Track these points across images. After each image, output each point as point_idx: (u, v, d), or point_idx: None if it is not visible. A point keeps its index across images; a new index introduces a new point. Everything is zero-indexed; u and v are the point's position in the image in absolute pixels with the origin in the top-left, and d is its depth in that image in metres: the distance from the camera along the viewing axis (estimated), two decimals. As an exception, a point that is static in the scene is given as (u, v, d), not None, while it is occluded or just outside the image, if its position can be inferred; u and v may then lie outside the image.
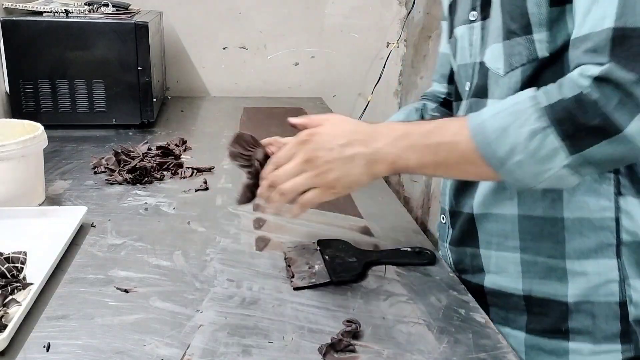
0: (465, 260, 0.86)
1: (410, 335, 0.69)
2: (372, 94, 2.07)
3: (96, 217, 0.97)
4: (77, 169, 1.20)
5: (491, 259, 0.81)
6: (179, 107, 1.80)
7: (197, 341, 0.66)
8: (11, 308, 0.67)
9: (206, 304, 0.73)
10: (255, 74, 2.03)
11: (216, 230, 0.95)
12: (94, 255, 0.85)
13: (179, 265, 0.83)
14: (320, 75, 2.08)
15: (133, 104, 1.49)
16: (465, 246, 0.85)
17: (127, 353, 0.63)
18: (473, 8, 0.81)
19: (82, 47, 1.43)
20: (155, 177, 1.16)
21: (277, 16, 1.98)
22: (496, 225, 0.80)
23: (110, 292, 0.75)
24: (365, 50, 2.07)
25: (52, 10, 1.49)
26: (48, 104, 1.45)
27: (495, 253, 0.81)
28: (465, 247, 0.85)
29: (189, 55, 1.98)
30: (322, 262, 0.84)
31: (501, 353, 0.66)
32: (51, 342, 0.64)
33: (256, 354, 0.64)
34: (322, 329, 0.69)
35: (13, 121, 1.07)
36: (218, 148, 1.39)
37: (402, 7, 2.04)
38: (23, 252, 0.76)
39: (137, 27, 1.44)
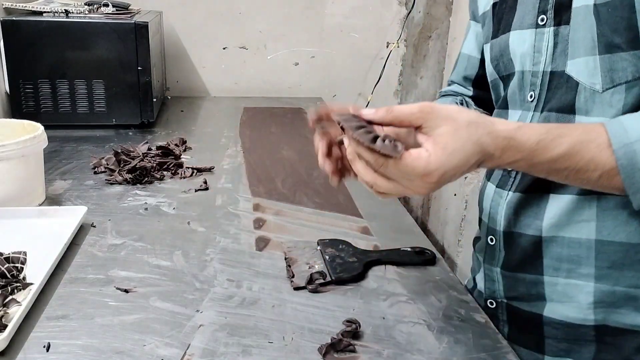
0: (520, 287, 0.78)
1: (410, 335, 0.69)
2: (372, 94, 2.07)
3: (96, 217, 0.97)
4: (77, 169, 1.20)
5: (557, 286, 0.74)
6: (179, 107, 1.80)
7: (197, 341, 0.66)
8: (11, 308, 0.67)
9: (206, 304, 0.73)
10: (255, 74, 2.03)
11: (216, 230, 0.95)
12: (94, 255, 0.85)
13: (179, 265, 0.83)
14: (320, 75, 2.08)
15: (133, 104, 1.49)
16: (525, 272, 0.77)
17: (127, 353, 0.63)
18: (542, 11, 0.73)
19: (82, 47, 1.43)
20: (155, 177, 1.16)
21: (277, 16, 1.98)
22: (568, 251, 0.72)
23: (110, 292, 0.75)
24: (365, 50, 2.07)
25: (52, 10, 1.49)
26: (48, 104, 1.45)
27: (563, 281, 0.73)
28: (525, 274, 0.77)
29: (189, 55, 1.98)
30: (322, 262, 0.84)
31: (501, 353, 0.67)
32: (51, 342, 0.64)
33: (256, 354, 0.64)
34: (322, 329, 0.69)
35: (13, 121, 1.07)
36: (218, 148, 1.39)
37: (402, 7, 2.04)
38: (23, 252, 0.76)
39: (137, 27, 1.44)
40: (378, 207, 1.08)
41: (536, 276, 0.76)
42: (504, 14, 0.80)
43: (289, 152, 1.38)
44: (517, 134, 0.58)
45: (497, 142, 0.57)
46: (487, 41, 0.84)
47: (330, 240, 0.90)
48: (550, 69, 0.72)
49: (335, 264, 0.83)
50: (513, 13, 0.78)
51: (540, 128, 0.60)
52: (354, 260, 0.84)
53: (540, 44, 0.74)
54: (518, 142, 0.58)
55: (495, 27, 0.82)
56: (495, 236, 0.81)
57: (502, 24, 0.80)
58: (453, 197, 1.94)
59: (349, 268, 0.82)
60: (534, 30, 0.74)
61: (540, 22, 0.74)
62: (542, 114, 0.74)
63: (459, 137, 0.55)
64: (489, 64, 0.84)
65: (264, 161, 1.31)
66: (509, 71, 0.79)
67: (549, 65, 0.73)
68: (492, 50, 0.82)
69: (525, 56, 0.76)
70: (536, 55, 0.74)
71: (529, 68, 0.75)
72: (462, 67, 0.96)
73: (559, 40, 0.71)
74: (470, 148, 0.56)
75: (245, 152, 1.37)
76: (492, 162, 0.58)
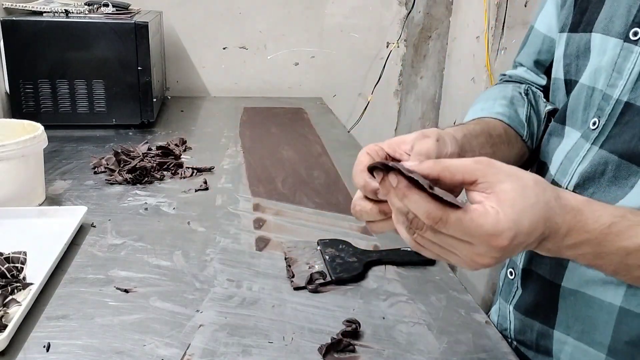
0: (529, 334, 0.71)
1: (410, 335, 0.69)
2: (372, 94, 2.07)
3: (96, 217, 0.97)
4: (77, 169, 1.20)
5: (565, 346, 0.66)
6: (179, 107, 1.80)
7: (197, 341, 0.66)
8: (11, 308, 0.67)
9: (206, 304, 0.73)
10: (255, 74, 2.03)
11: (216, 230, 0.95)
12: (94, 255, 0.85)
13: (179, 265, 0.83)
14: (320, 75, 2.08)
15: (133, 104, 1.49)
16: (536, 319, 0.69)
17: (127, 353, 0.63)
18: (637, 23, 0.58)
19: (82, 47, 1.43)
20: (155, 177, 1.16)
21: (277, 16, 1.98)
22: (586, 310, 0.63)
23: (110, 292, 0.75)
24: (365, 50, 2.07)
25: (52, 10, 1.49)
26: (48, 104, 1.45)
27: (573, 342, 0.65)
28: (535, 321, 0.69)
29: (189, 55, 1.98)
30: (322, 262, 0.84)
31: (501, 353, 0.66)
32: (51, 342, 0.64)
33: (256, 354, 0.64)
34: (322, 329, 0.69)
35: (13, 121, 1.07)
36: (218, 148, 1.39)
37: (402, 7, 2.04)
38: (23, 252, 0.76)
39: (137, 27, 1.44)
40: (378, 207, 1.08)
41: (547, 328, 0.68)
42: (590, 3, 0.65)
43: (289, 152, 1.38)
44: (587, 208, 0.47)
45: (565, 212, 0.46)
46: (564, 30, 0.69)
47: (330, 240, 0.90)
48: (627, 99, 0.59)
49: (335, 264, 0.83)
50: (600, 7, 0.64)
51: (615, 210, 0.48)
52: (354, 260, 0.84)
53: (624, 64, 0.59)
54: (586, 218, 0.47)
55: (577, 17, 0.67)
56: (515, 270, 0.72)
57: (586, 17, 0.65)
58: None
59: (349, 268, 0.82)
60: (620, 42, 0.60)
61: (632, 36, 0.59)
62: (601, 150, 0.61)
63: (527, 196, 0.44)
64: (559, 60, 0.69)
65: (264, 161, 1.31)
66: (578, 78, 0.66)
67: (626, 94, 0.59)
68: (568, 45, 0.68)
69: (601, 71, 0.62)
70: (615, 76, 0.60)
71: (602, 87, 0.62)
72: (535, 49, 0.78)
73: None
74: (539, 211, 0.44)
75: (245, 152, 1.37)
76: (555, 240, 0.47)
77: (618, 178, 0.60)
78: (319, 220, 1.00)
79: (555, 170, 0.68)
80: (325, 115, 1.82)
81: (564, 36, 0.68)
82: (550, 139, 0.72)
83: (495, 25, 1.69)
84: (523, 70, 0.81)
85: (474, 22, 1.81)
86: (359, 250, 0.87)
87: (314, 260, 0.85)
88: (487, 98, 0.76)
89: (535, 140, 0.76)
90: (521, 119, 0.73)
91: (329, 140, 1.49)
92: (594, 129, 0.62)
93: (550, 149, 0.71)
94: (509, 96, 0.75)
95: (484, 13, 1.70)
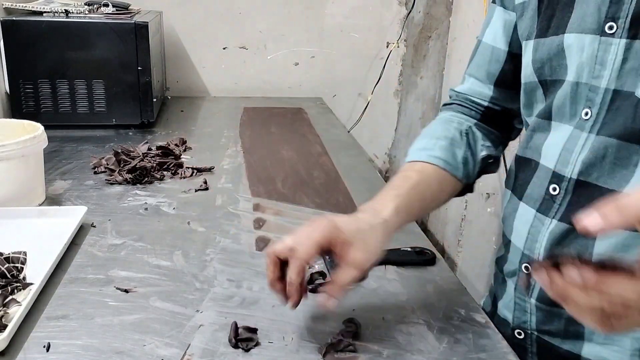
0: (556, 322, 0.71)
1: (410, 335, 0.69)
2: (372, 94, 2.07)
3: (96, 217, 0.97)
4: (77, 169, 1.20)
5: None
6: (179, 107, 1.80)
7: (197, 341, 0.66)
8: (11, 308, 0.67)
9: (206, 304, 0.73)
10: (255, 74, 2.03)
11: (216, 230, 0.95)
12: (94, 255, 0.85)
13: (179, 265, 0.83)
14: (320, 75, 2.08)
15: (133, 104, 1.49)
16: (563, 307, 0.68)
17: (127, 353, 0.63)
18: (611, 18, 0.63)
19: (82, 47, 1.43)
20: (155, 177, 1.16)
21: (277, 16, 1.98)
22: None
23: (110, 292, 0.75)
24: (365, 50, 2.07)
25: (52, 10, 1.49)
26: (48, 104, 1.45)
27: None
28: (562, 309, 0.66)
29: (189, 55, 1.98)
30: (322, 262, 0.84)
31: (501, 353, 0.67)
32: (51, 342, 0.64)
33: (256, 354, 0.64)
34: (322, 329, 0.69)
35: (13, 121, 1.07)
36: (218, 148, 1.39)
37: (402, 7, 2.04)
38: (23, 252, 0.76)
39: (137, 27, 1.44)
40: (378, 207, 1.08)
41: None
42: (555, 10, 0.70)
43: (289, 152, 1.38)
44: None
45: None
46: (530, 38, 0.73)
47: (330, 240, 0.90)
48: (614, 87, 0.63)
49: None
50: (569, 11, 0.68)
51: None
52: (354, 260, 0.84)
53: (605, 56, 0.64)
54: None
55: (543, 23, 0.72)
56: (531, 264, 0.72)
57: (554, 22, 0.70)
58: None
59: (349, 268, 0.82)
60: (597, 38, 0.64)
61: (607, 30, 0.63)
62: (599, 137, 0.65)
63: None
64: (528, 65, 0.73)
65: (264, 161, 1.31)
66: (556, 77, 0.70)
67: (612, 82, 0.63)
68: (536, 50, 0.72)
69: (583, 66, 0.66)
70: (597, 68, 0.64)
71: (586, 80, 0.66)
72: (485, 60, 0.84)
73: (630, 56, 0.62)
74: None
75: (245, 152, 1.37)
76: None
77: (620, 159, 0.63)
78: (319, 220, 1.00)
79: (555, 163, 0.70)
80: (325, 115, 1.82)
81: (531, 43, 0.73)
82: (533, 136, 0.74)
83: (495, 25, 1.69)
84: (472, 82, 0.87)
85: (474, 22, 1.81)
86: (359, 250, 0.87)
87: (314, 260, 0.85)
88: (431, 136, 0.83)
89: (470, 178, 0.82)
90: (457, 162, 0.80)
91: (329, 140, 1.49)
92: (587, 119, 0.66)
93: (535, 145, 0.74)
94: (449, 136, 0.82)
95: (484, 13, 1.70)
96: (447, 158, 0.79)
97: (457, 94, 0.89)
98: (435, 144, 0.81)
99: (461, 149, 0.81)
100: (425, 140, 0.83)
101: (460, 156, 0.80)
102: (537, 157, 0.73)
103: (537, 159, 0.73)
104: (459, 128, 0.83)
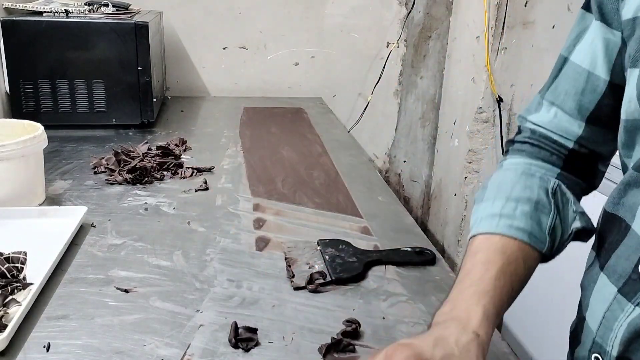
0: None
1: (410, 335, 0.69)
2: (372, 94, 2.07)
3: (96, 217, 0.97)
4: (77, 169, 1.20)
5: None
6: (179, 107, 1.80)
7: (197, 341, 0.66)
8: (11, 308, 0.67)
9: (206, 304, 0.73)
10: (255, 74, 2.03)
11: (216, 230, 0.95)
12: (94, 255, 0.85)
13: (179, 265, 0.83)
14: (320, 75, 2.08)
15: (133, 104, 1.49)
16: None
17: (127, 353, 0.63)
18: None
19: (82, 47, 1.43)
20: (155, 177, 1.16)
21: (277, 16, 1.98)
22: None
23: (110, 292, 0.75)
24: (365, 50, 2.07)
25: (52, 10, 1.49)
26: (48, 104, 1.45)
27: None
28: None
29: (189, 55, 1.98)
30: (322, 262, 0.84)
31: (501, 353, 0.67)
32: (51, 342, 0.64)
33: (256, 354, 0.64)
34: (322, 329, 0.69)
35: (13, 121, 1.07)
36: (218, 148, 1.39)
37: (402, 7, 2.04)
38: (23, 252, 0.76)
39: (137, 27, 1.44)
40: (378, 207, 1.08)
41: None
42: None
43: (289, 152, 1.38)
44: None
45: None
46: (636, 65, 0.57)
47: (330, 240, 0.90)
48: None
49: (335, 264, 0.83)
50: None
51: None
52: (354, 260, 0.84)
53: None
54: None
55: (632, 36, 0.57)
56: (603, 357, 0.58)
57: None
58: (453, 197, 1.94)
59: (349, 268, 0.82)
60: None
61: None
62: None
63: None
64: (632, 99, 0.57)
65: (264, 161, 1.31)
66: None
67: None
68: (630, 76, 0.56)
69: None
70: None
71: None
72: (576, 88, 0.65)
73: None
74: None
75: (245, 152, 1.37)
76: None
77: None
78: (319, 220, 1.00)
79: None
80: (325, 115, 1.82)
81: (636, 71, 0.57)
82: (628, 191, 0.59)
83: (495, 25, 1.69)
84: (552, 115, 0.68)
85: (474, 22, 1.81)
86: (359, 250, 0.87)
87: (314, 260, 0.85)
88: (509, 197, 0.65)
89: (553, 250, 0.65)
90: (544, 232, 0.63)
91: (329, 140, 1.49)
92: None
93: (629, 202, 0.58)
94: (534, 200, 0.64)
95: (484, 13, 1.70)
96: (532, 229, 0.62)
97: (534, 128, 0.69)
98: (515, 208, 0.63)
99: (548, 216, 0.64)
100: (501, 202, 0.65)
101: (547, 225, 0.63)
102: (629, 219, 0.57)
103: (629, 221, 0.57)
104: (544, 186, 0.65)
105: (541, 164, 0.68)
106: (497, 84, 1.73)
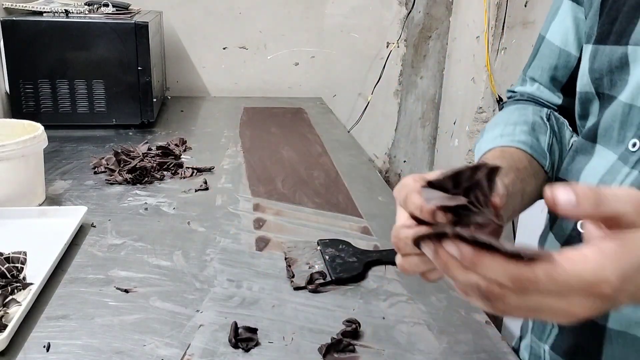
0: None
1: (410, 335, 0.69)
2: (372, 94, 2.07)
3: (96, 217, 0.97)
4: (77, 169, 1.20)
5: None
6: (179, 107, 1.80)
7: (197, 341, 0.66)
8: (11, 308, 0.67)
9: (206, 304, 0.73)
10: (255, 74, 2.03)
11: (216, 230, 0.95)
12: (94, 255, 0.85)
13: (179, 265, 0.83)
14: (320, 75, 2.08)
15: (133, 104, 1.49)
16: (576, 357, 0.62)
17: (127, 353, 0.63)
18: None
19: (82, 47, 1.43)
20: (155, 177, 1.16)
21: (277, 16, 1.98)
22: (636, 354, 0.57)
23: (110, 292, 0.75)
24: (365, 50, 2.07)
25: (52, 10, 1.49)
26: (48, 104, 1.45)
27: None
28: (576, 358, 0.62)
29: (189, 55, 1.98)
30: (322, 262, 0.84)
31: (501, 353, 0.66)
32: (51, 342, 0.64)
33: (256, 354, 0.64)
34: (322, 329, 0.69)
35: (13, 121, 1.07)
36: (218, 148, 1.39)
37: (402, 7, 2.04)
38: (23, 252, 0.76)
39: (137, 27, 1.44)
40: (378, 207, 1.08)
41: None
42: (619, 13, 0.58)
43: (289, 152, 1.38)
44: None
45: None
46: (589, 41, 0.61)
47: (330, 240, 0.90)
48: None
49: (335, 264, 0.83)
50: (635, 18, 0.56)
51: None
52: (354, 260, 0.84)
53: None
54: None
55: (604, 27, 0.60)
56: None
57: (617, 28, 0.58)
58: (453, 197, 1.94)
59: (349, 268, 0.82)
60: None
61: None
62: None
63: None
64: (585, 73, 0.62)
65: (264, 161, 1.31)
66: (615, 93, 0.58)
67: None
68: (596, 57, 0.60)
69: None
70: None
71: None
72: (550, 63, 0.70)
73: None
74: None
75: (245, 152, 1.37)
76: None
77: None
78: (319, 220, 1.00)
79: None
80: (325, 115, 1.82)
81: (590, 48, 0.61)
82: (575, 157, 0.64)
83: (495, 25, 1.69)
84: (535, 87, 0.73)
85: (474, 22, 1.81)
86: (359, 250, 0.87)
87: (314, 260, 0.85)
88: (507, 122, 0.69)
89: (555, 171, 0.69)
90: (543, 149, 0.66)
91: (329, 140, 1.49)
92: (634, 151, 0.55)
93: (575, 168, 0.64)
94: (530, 121, 0.67)
95: (484, 13, 1.70)
96: (532, 143, 0.65)
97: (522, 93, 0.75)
98: (514, 129, 0.66)
99: (545, 135, 0.67)
100: (501, 127, 0.68)
101: (546, 143, 0.67)
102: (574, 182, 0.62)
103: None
104: (538, 113, 0.69)
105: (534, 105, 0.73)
106: (497, 84, 1.73)
